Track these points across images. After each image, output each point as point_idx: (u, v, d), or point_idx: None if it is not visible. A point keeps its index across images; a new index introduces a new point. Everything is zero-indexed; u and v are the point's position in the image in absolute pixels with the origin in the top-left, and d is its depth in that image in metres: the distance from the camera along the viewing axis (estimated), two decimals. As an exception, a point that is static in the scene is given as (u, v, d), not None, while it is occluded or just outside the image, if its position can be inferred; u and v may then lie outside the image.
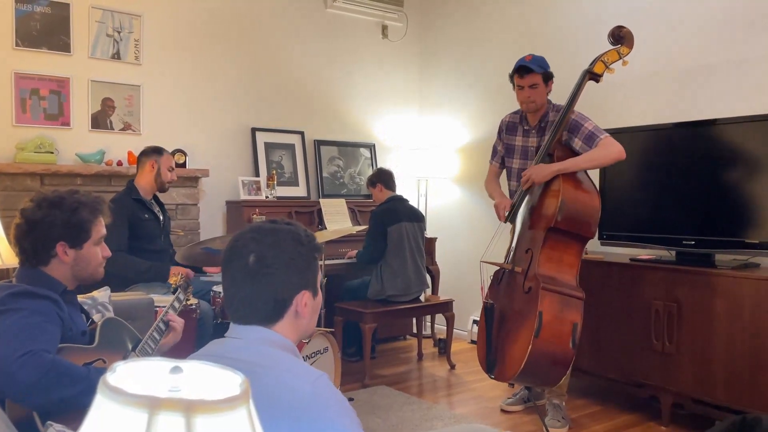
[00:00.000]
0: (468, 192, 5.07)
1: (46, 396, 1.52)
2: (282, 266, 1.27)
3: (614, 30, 3.02)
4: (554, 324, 2.73)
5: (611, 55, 2.99)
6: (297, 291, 1.30)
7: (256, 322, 1.28)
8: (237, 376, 0.76)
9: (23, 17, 3.77)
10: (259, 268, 1.26)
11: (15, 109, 3.75)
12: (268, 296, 1.27)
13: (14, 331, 1.57)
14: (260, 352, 1.24)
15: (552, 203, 2.89)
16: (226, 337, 1.31)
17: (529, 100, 3.10)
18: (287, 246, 1.29)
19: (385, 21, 5.32)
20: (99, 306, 2.39)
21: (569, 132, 3.03)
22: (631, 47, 2.99)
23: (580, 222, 2.90)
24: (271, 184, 4.52)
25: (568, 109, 3.01)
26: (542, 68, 3.08)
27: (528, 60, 3.07)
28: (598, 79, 3.02)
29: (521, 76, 3.08)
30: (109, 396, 0.67)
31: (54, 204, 1.78)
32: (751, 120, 3.05)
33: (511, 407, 3.45)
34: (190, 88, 4.40)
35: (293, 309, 1.30)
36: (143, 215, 3.40)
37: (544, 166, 2.99)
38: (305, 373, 1.20)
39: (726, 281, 2.97)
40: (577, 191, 2.91)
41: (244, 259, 1.27)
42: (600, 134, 2.96)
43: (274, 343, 1.27)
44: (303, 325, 1.34)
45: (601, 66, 3.00)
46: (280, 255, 1.28)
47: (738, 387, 2.91)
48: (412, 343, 4.90)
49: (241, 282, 1.27)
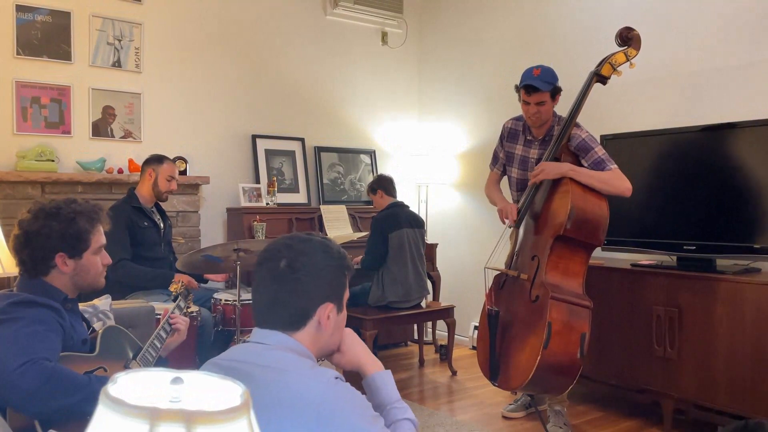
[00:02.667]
0: (468, 198, 5.08)
1: (47, 404, 1.52)
2: (310, 274, 1.30)
3: (622, 31, 2.99)
4: (563, 334, 2.70)
5: (619, 57, 2.96)
6: (322, 302, 1.32)
7: (278, 328, 1.30)
8: (238, 386, 0.76)
9: (24, 26, 3.78)
10: (288, 273, 1.29)
11: (16, 118, 3.76)
12: (292, 302, 1.30)
13: (15, 340, 1.57)
14: (280, 358, 1.26)
15: (561, 210, 2.85)
16: (249, 341, 1.33)
17: (536, 116, 3.05)
18: (318, 256, 1.32)
19: (384, 27, 5.34)
20: (100, 314, 2.40)
21: (578, 150, 2.99)
22: (638, 49, 2.96)
23: (588, 230, 2.86)
24: (272, 191, 4.53)
25: (576, 110, 2.96)
26: (550, 84, 2.99)
27: (536, 75, 2.97)
28: (605, 81, 2.99)
29: (528, 93, 3.00)
30: (110, 407, 0.67)
31: (51, 214, 1.77)
32: (753, 125, 3.05)
33: (512, 414, 3.44)
34: (191, 96, 4.41)
35: (316, 319, 1.32)
36: (142, 223, 3.41)
37: (557, 164, 2.94)
38: (323, 374, 1.22)
39: (727, 286, 2.97)
40: (586, 198, 2.86)
41: (275, 263, 1.30)
42: (610, 163, 2.93)
43: (293, 350, 1.29)
44: (324, 339, 1.35)
45: (609, 68, 2.96)
46: (310, 264, 1.31)
47: (740, 392, 2.90)
48: (414, 350, 4.90)
49: (269, 285, 1.30)
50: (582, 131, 3.01)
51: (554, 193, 2.93)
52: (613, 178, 2.91)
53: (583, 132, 3.00)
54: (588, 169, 2.94)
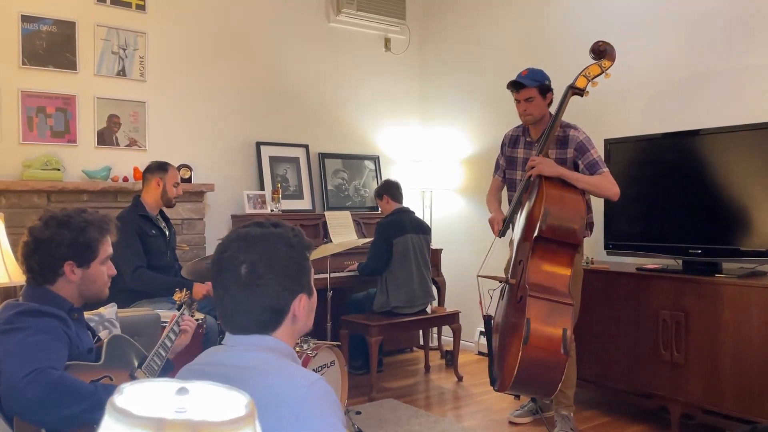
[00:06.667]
0: (472, 203, 5.07)
1: (54, 413, 1.52)
2: (276, 275, 1.24)
3: (594, 46, 3.09)
4: (543, 330, 2.76)
5: (593, 69, 3.06)
6: (293, 297, 1.28)
7: (254, 332, 1.26)
8: (243, 396, 0.76)
9: (29, 36, 3.81)
10: (252, 279, 1.23)
11: (22, 127, 3.78)
12: (264, 307, 1.25)
13: (21, 349, 1.58)
14: (255, 358, 1.22)
15: (536, 212, 2.94)
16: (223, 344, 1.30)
17: (526, 113, 3.17)
18: (278, 252, 1.26)
19: (387, 34, 5.36)
20: (105, 322, 2.40)
21: (576, 151, 3.11)
22: (612, 60, 3.05)
23: (564, 230, 2.92)
24: (276, 198, 4.54)
25: (554, 122, 3.07)
26: (537, 81, 3.13)
27: (523, 75, 3.15)
28: (582, 93, 3.08)
29: (515, 90, 3.16)
30: (116, 418, 0.67)
31: (62, 223, 1.79)
32: (756, 128, 3.05)
33: (519, 419, 3.43)
34: (195, 104, 4.43)
35: (291, 314, 1.28)
36: (150, 231, 3.42)
37: (552, 162, 3.04)
38: (301, 377, 1.18)
39: (733, 290, 2.96)
40: (561, 198, 2.94)
41: (235, 271, 1.24)
42: (603, 166, 3.08)
43: (272, 349, 1.25)
44: (299, 327, 1.32)
45: (584, 80, 3.07)
46: (272, 263, 1.24)
47: (748, 396, 2.89)
48: (419, 356, 4.89)
49: (236, 294, 1.24)
50: (580, 133, 3.13)
51: (535, 200, 3.01)
52: (603, 181, 3.06)
53: (581, 134, 3.13)
54: (582, 167, 3.07)
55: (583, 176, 3.04)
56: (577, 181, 3.00)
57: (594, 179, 3.04)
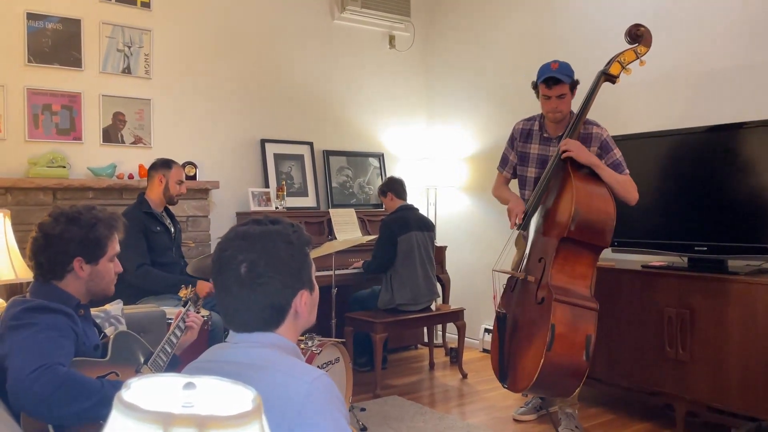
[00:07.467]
0: (477, 200, 5.07)
1: (61, 409, 1.53)
2: (276, 273, 1.25)
3: (631, 29, 2.94)
4: (567, 336, 2.68)
5: (628, 55, 2.91)
6: (295, 294, 1.28)
7: (257, 329, 1.27)
8: (249, 391, 0.76)
9: (35, 33, 3.82)
10: (253, 278, 1.23)
11: (27, 125, 3.80)
12: (265, 305, 1.25)
13: (29, 346, 1.59)
14: (258, 355, 1.23)
15: (565, 211, 2.83)
16: (227, 342, 1.31)
17: (557, 110, 3.02)
18: (278, 250, 1.25)
19: (392, 31, 5.35)
20: (112, 319, 2.41)
21: (600, 149, 3.02)
22: (648, 46, 2.91)
23: (594, 232, 2.84)
24: (281, 195, 4.54)
25: (584, 110, 2.95)
26: (570, 77, 2.98)
27: (555, 69, 2.95)
28: (615, 80, 2.95)
29: (549, 86, 2.96)
30: (124, 412, 0.68)
31: (72, 219, 1.80)
32: (763, 124, 3.03)
33: (523, 416, 3.43)
34: (200, 101, 4.43)
35: (293, 311, 1.29)
36: (155, 228, 3.43)
37: (585, 148, 2.91)
38: (304, 373, 1.18)
39: (739, 287, 2.94)
40: (591, 199, 2.84)
41: (235, 270, 1.24)
42: (626, 168, 3.01)
43: (275, 345, 1.26)
44: (302, 323, 1.33)
45: (618, 67, 2.92)
46: (272, 261, 1.24)
47: (753, 394, 2.88)
48: (424, 353, 4.89)
49: (237, 293, 1.24)
50: (603, 131, 3.04)
51: (561, 194, 2.91)
52: (627, 182, 2.97)
53: (605, 131, 3.04)
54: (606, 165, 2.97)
55: (613, 172, 2.93)
56: (609, 176, 2.89)
57: (621, 177, 2.94)
